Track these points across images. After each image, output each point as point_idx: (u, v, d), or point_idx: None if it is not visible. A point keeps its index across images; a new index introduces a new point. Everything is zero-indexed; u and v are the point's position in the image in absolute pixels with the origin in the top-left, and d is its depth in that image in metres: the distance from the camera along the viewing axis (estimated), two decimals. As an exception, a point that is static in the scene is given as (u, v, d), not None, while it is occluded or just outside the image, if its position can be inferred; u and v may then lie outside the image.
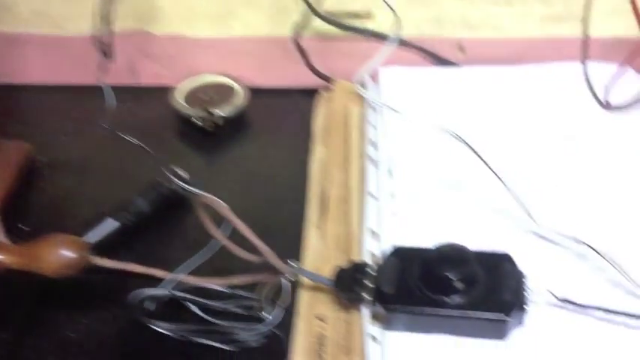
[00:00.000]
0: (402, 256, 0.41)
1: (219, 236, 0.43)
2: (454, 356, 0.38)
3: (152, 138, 0.58)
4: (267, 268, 0.42)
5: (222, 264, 0.46)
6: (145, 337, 0.42)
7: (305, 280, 0.44)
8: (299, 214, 0.50)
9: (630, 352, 0.37)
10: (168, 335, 0.42)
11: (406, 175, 0.50)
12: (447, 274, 0.38)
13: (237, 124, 0.60)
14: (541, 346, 0.38)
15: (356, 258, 0.45)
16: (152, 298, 0.43)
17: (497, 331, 0.38)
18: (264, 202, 0.53)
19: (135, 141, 0.42)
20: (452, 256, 0.39)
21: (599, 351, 0.37)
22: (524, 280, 0.40)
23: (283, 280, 0.41)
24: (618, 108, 0.55)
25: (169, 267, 0.45)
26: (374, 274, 0.41)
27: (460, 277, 0.38)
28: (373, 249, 0.45)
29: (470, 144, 0.46)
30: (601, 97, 0.55)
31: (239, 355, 0.41)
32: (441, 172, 0.50)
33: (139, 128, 0.58)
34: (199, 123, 0.58)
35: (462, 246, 0.40)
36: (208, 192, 0.51)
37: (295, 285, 0.44)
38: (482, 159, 0.45)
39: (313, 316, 0.42)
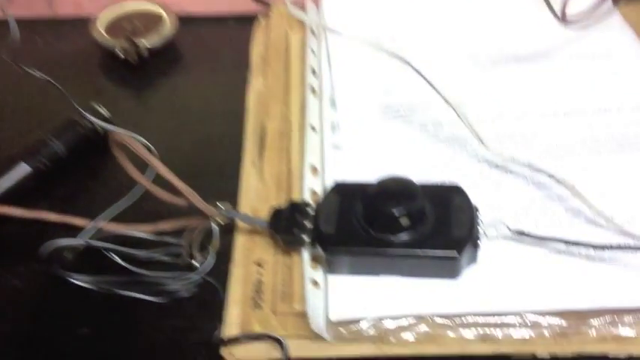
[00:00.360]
0: (343, 192, 0.38)
1: (142, 179, 0.38)
2: (402, 299, 0.35)
3: (72, 73, 0.54)
4: (196, 211, 0.38)
5: (148, 210, 0.42)
6: (65, 292, 0.38)
7: (241, 223, 0.41)
8: (236, 153, 0.46)
9: (591, 285, 0.35)
10: (90, 289, 0.38)
11: (349, 104, 0.46)
12: (392, 210, 0.34)
13: (165, 55, 0.55)
14: (496, 284, 0.35)
15: (297, 197, 0.41)
16: (69, 249, 0.39)
17: (449, 270, 0.35)
18: (198, 141, 0.48)
19: (42, 76, 0.36)
20: (396, 190, 0.35)
21: (559, 286, 0.35)
22: (476, 213, 0.36)
23: (213, 224, 0.37)
24: (575, 22, 0.51)
25: (90, 215, 0.41)
26: (312, 213, 0.37)
27: (406, 212, 0.34)
28: (314, 186, 0.41)
29: (417, 68, 0.42)
30: (557, 9, 0.50)
31: (169, 307, 0.37)
32: (387, 100, 0.46)
33: (57, 63, 0.54)
34: (122, 55, 0.52)
35: (407, 179, 0.36)
36: (135, 131, 0.47)
37: (231, 229, 0.40)
38: (430, 84, 0.41)
39: (251, 262, 0.39)
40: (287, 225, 0.37)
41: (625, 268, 0.35)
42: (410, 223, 0.35)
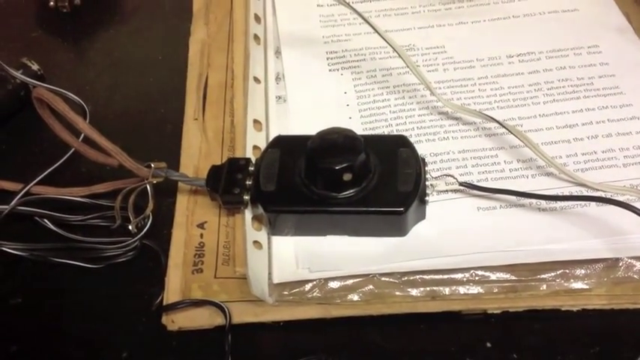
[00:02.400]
0: (284, 146, 0.35)
1: (70, 138, 0.36)
2: (349, 259, 0.33)
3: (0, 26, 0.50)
4: (130, 172, 0.36)
5: (83, 173, 0.40)
6: (-5, 261, 0.36)
7: (182, 185, 0.39)
8: (178, 107, 0.43)
9: (542, 238, 0.33)
10: (22, 257, 0.36)
11: (294, 53, 0.44)
12: (334, 165, 0.32)
13: (101, 3, 0.51)
14: (444, 240, 0.34)
15: (240, 153, 0.39)
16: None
17: (396, 227, 0.34)
18: (138, 96, 0.46)
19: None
20: (338, 143, 0.33)
21: (509, 240, 0.33)
22: (423, 166, 0.34)
23: (148, 186, 0.35)
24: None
25: (21, 177, 0.38)
26: (252, 170, 0.35)
27: (349, 167, 0.32)
28: (257, 142, 0.39)
29: (364, 14, 0.40)
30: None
31: (107, 274, 0.36)
32: (333, 48, 0.44)
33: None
34: (53, 3, 0.49)
35: (349, 130, 0.34)
36: (69, 86, 0.44)
37: (172, 189, 0.38)
38: (377, 30, 0.39)
39: (192, 224, 0.37)
40: (226, 184, 0.35)
41: (576, 219, 0.34)
42: (353, 179, 0.33)
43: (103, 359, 0.33)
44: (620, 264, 0.32)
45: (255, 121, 0.40)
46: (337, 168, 0.32)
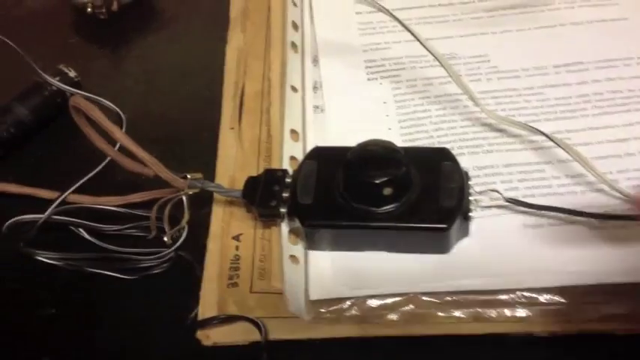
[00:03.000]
0: (322, 158, 0.35)
1: (106, 147, 0.35)
2: (387, 276, 0.32)
3: (38, 33, 0.50)
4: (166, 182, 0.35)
5: (119, 182, 0.39)
6: (31, 270, 0.36)
7: (218, 195, 0.38)
8: (214, 116, 0.43)
9: (592, 259, 0.32)
10: (56, 266, 0.36)
11: (333, 61, 0.43)
12: (374, 179, 0.31)
13: (138, 10, 0.51)
14: (489, 259, 0.32)
15: (277, 163, 0.38)
16: (33, 224, 0.36)
17: (438, 244, 0.32)
18: (173, 104, 0.45)
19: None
20: (378, 155, 0.32)
21: (557, 260, 0.32)
22: (467, 180, 0.33)
23: (183, 197, 0.34)
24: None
25: (57, 185, 0.38)
26: (290, 181, 0.34)
27: (389, 181, 0.31)
28: (294, 152, 0.38)
29: (405, 22, 0.39)
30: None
31: (141, 284, 0.35)
32: (372, 56, 0.43)
33: (21, 22, 0.50)
34: (91, 10, 0.49)
35: (389, 142, 0.33)
36: (105, 93, 0.44)
37: (208, 200, 0.37)
38: (418, 38, 0.38)
39: (227, 236, 0.36)
40: (262, 195, 0.34)
41: (629, 239, 0.32)
42: (394, 193, 0.32)
43: (137, 373, 0.32)
44: (677, 288, 0.31)
45: (292, 131, 0.39)
46: (377, 182, 0.31)
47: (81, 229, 0.36)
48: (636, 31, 0.42)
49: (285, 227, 0.34)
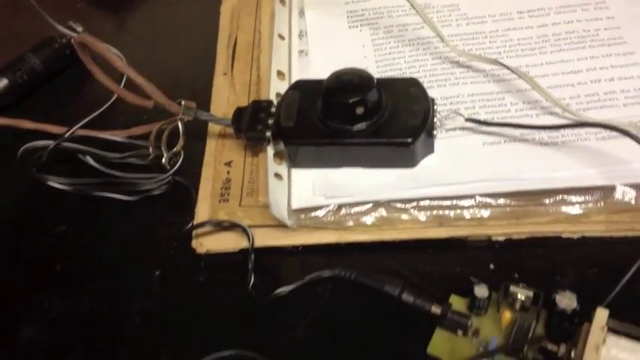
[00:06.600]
0: (303, 89, 0.38)
1: (108, 82, 0.39)
2: (362, 187, 0.36)
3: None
4: (164, 113, 0.39)
5: (122, 121, 0.43)
6: (42, 195, 0.40)
7: (211, 128, 0.42)
8: (210, 67, 0.47)
9: (542, 167, 0.35)
10: (66, 191, 0.39)
11: (317, 13, 0.47)
12: (348, 100, 0.35)
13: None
14: (451, 170, 0.36)
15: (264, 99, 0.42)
16: (44, 150, 0.40)
17: (406, 158, 0.36)
18: (172, 58, 0.49)
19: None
20: (353, 81, 0.36)
21: (511, 169, 0.36)
22: (432, 104, 0.37)
23: (179, 123, 0.38)
24: None
25: (66, 125, 0.42)
26: (274, 111, 0.38)
27: (361, 101, 0.35)
28: (280, 89, 0.42)
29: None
30: None
31: (142, 204, 0.39)
32: (353, 7, 0.47)
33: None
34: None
35: (362, 70, 0.37)
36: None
37: (202, 133, 0.41)
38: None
39: (220, 163, 0.40)
40: (250, 122, 0.38)
41: (576, 151, 0.36)
42: (365, 113, 0.35)
43: (138, 277, 0.36)
44: (616, 191, 0.34)
45: (279, 72, 0.43)
46: (350, 102, 0.35)
47: (88, 157, 0.40)
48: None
49: (270, 150, 0.38)
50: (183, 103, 0.38)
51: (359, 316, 0.33)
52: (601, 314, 0.28)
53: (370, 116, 0.36)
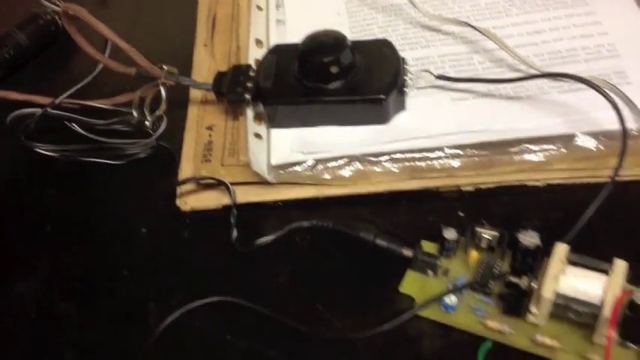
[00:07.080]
0: (281, 52, 0.40)
1: (92, 51, 0.41)
2: (337, 143, 0.38)
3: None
4: (147, 79, 0.41)
5: (106, 91, 0.44)
6: (29, 162, 0.42)
7: (193, 95, 0.44)
8: (190, 40, 0.48)
9: (506, 119, 0.37)
10: (54, 158, 0.41)
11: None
12: (323, 59, 0.37)
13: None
14: (421, 125, 0.38)
15: (244, 65, 0.43)
16: (32, 118, 0.42)
17: (378, 114, 0.38)
18: (154, 32, 0.51)
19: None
20: (327, 42, 0.38)
21: (478, 122, 0.37)
22: (403, 64, 0.39)
23: (161, 88, 0.40)
24: None
25: (53, 96, 0.43)
26: (253, 74, 0.40)
27: (336, 60, 0.37)
28: (258, 56, 0.43)
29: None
30: None
31: (127, 168, 0.40)
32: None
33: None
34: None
35: (336, 31, 0.38)
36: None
37: (184, 100, 0.43)
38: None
39: (202, 127, 0.42)
40: (230, 85, 0.40)
41: (539, 104, 0.38)
42: (340, 71, 0.37)
43: (125, 234, 0.38)
44: (577, 139, 0.36)
45: (257, 41, 0.44)
46: (325, 60, 0.37)
47: (74, 124, 0.42)
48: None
49: (250, 112, 0.40)
50: (165, 67, 0.39)
51: (336, 261, 0.35)
52: (560, 248, 0.30)
53: (344, 75, 0.37)
